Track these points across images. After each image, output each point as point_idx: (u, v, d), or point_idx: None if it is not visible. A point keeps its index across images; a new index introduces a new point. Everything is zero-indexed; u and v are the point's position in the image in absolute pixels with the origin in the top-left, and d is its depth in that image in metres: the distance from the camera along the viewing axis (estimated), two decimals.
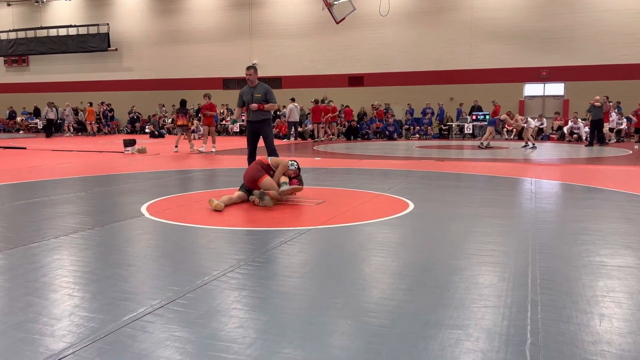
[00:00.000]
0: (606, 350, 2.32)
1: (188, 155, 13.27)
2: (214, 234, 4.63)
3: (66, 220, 5.19)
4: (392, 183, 7.87)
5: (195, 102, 26.13)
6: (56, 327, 2.57)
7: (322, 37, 25.70)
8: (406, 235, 4.66)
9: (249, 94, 7.74)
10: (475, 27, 23.43)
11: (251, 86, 7.78)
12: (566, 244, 4.26)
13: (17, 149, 15.39)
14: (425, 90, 24.40)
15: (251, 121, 7.75)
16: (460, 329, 2.54)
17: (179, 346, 2.35)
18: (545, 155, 13.90)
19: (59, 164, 10.90)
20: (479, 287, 3.16)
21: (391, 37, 24.69)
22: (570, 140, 19.91)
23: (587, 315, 2.73)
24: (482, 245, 4.20)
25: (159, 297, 2.96)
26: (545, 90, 23.42)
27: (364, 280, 3.33)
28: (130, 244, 4.33)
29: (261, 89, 7.76)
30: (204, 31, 28.08)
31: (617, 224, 5.00)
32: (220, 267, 3.55)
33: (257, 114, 7.67)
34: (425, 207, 5.89)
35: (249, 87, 7.81)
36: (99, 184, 7.90)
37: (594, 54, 21.84)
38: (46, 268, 3.56)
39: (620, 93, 20.77)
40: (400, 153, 14.48)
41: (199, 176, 8.85)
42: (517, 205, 6.08)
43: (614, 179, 8.50)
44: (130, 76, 30.16)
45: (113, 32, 29.39)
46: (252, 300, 2.96)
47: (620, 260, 3.78)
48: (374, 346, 2.36)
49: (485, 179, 8.61)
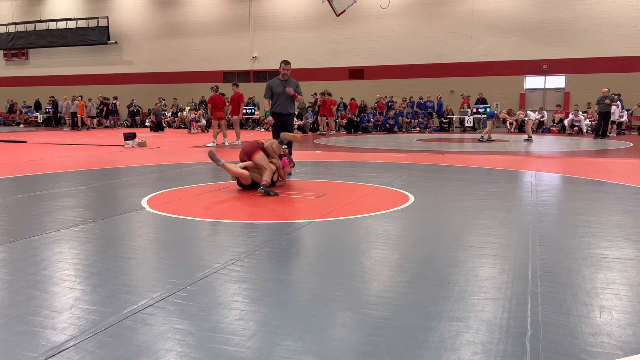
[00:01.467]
0: (606, 342, 2.33)
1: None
2: (214, 227, 4.63)
3: (67, 213, 5.19)
4: (392, 176, 7.87)
5: (195, 95, 26.12)
6: (57, 319, 2.58)
7: (322, 29, 25.62)
8: (406, 228, 4.66)
9: (280, 86, 8.05)
10: (476, 20, 23.34)
11: (283, 80, 8.08)
12: (566, 236, 4.26)
13: (17, 143, 15.38)
14: (425, 83, 24.35)
15: (280, 113, 8.09)
16: (460, 321, 2.55)
17: (179, 338, 2.36)
18: (546, 147, 13.88)
19: (60, 157, 10.90)
20: (479, 280, 3.17)
21: (392, 30, 24.61)
22: (571, 133, 19.89)
23: (587, 307, 2.73)
24: (482, 237, 4.20)
25: (160, 290, 2.97)
26: (546, 83, 23.36)
27: (364, 272, 3.33)
28: (131, 237, 4.34)
29: (292, 83, 8.11)
30: (204, 24, 28.00)
31: (617, 217, 5.00)
32: (221, 260, 3.55)
33: (287, 107, 8.05)
34: (425, 200, 5.89)
35: (279, 80, 8.11)
36: (100, 177, 7.90)
37: (595, 46, 21.77)
38: (47, 261, 3.56)
39: (621, 86, 20.71)
40: (400, 146, 14.46)
41: (201, 169, 8.85)
42: (517, 198, 6.08)
43: (615, 171, 8.49)
44: (130, 69, 30.11)
45: (113, 25, 29.30)
46: (252, 292, 2.97)
47: (620, 252, 3.79)
48: (374, 338, 2.36)
49: (485, 171, 8.61)
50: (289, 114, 8.17)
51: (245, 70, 27.81)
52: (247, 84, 27.05)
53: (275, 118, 8.13)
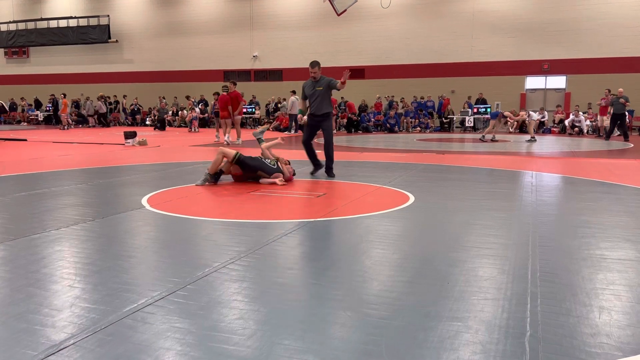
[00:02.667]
0: (605, 343, 2.33)
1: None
2: (214, 226, 4.63)
3: (67, 211, 5.19)
4: (392, 176, 7.87)
5: (195, 94, 26.09)
6: (57, 317, 2.58)
7: (323, 29, 25.60)
8: (406, 227, 4.67)
9: (311, 88, 8.01)
10: (477, 20, 23.32)
11: (314, 81, 8.03)
12: (566, 236, 4.26)
13: (17, 141, 15.38)
14: (426, 83, 24.34)
15: (314, 114, 8.03)
16: (460, 321, 2.55)
17: (179, 337, 2.36)
18: (547, 148, 13.87)
19: (60, 156, 10.90)
20: (478, 280, 3.17)
21: (393, 30, 24.60)
22: (571, 133, 19.88)
23: (587, 308, 2.74)
24: (482, 237, 4.20)
25: (160, 289, 2.97)
26: (547, 83, 23.34)
27: (364, 272, 3.34)
28: (131, 236, 4.34)
29: (323, 82, 8.00)
30: (205, 23, 27.98)
31: (617, 217, 5.00)
32: (221, 259, 3.56)
33: (320, 108, 7.95)
34: (425, 200, 5.89)
35: (311, 81, 8.05)
36: (100, 175, 7.90)
37: (595, 46, 21.75)
38: (47, 259, 3.57)
39: (622, 86, 20.66)
40: (401, 146, 14.46)
41: (201, 168, 8.85)
42: (517, 198, 6.08)
43: (615, 172, 8.49)
44: (130, 68, 30.10)
45: (113, 24, 29.29)
46: (252, 291, 2.97)
47: (620, 253, 3.79)
48: (373, 338, 2.36)
49: (486, 171, 8.61)
50: (323, 114, 7.96)
51: (246, 69, 27.80)
52: (248, 83, 27.06)
53: (310, 119, 8.09)
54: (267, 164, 7.12)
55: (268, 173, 7.03)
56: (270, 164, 7.12)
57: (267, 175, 7.03)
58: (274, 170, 7.06)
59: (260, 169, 7.04)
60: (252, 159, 7.10)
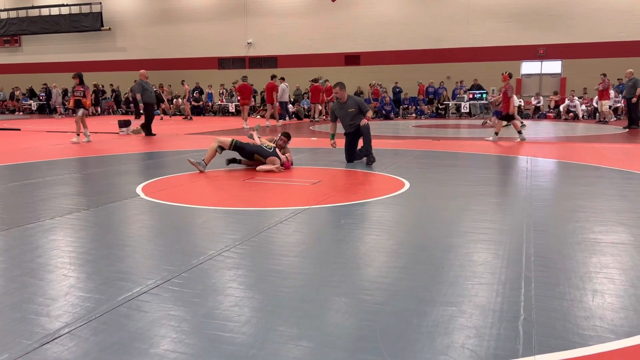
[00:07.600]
0: (598, 326, 2.35)
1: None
2: (209, 214, 4.63)
3: (61, 201, 5.17)
4: (388, 162, 7.87)
5: (190, 81, 25.90)
6: (52, 307, 2.58)
7: (318, 15, 25.40)
8: (402, 214, 4.67)
9: (342, 110, 7.96)
10: (472, 5, 23.18)
11: (341, 102, 7.93)
12: (561, 221, 4.28)
13: (11, 131, 15.28)
14: (422, 69, 24.25)
15: (348, 133, 8.04)
16: (454, 306, 2.56)
17: (174, 325, 2.36)
18: (541, 133, 13.87)
19: (54, 145, 10.84)
20: (473, 265, 3.18)
21: (388, 15, 24.43)
22: (566, 118, 19.88)
23: (580, 292, 2.75)
24: (477, 223, 4.21)
25: (155, 277, 2.97)
26: (543, 68, 23.29)
27: (360, 258, 3.34)
28: (126, 225, 4.33)
29: (352, 104, 7.93)
30: (199, 10, 27.70)
31: (611, 201, 5.02)
32: (216, 247, 3.55)
33: (353, 126, 7.94)
34: (421, 186, 5.89)
35: (339, 103, 7.98)
36: (94, 165, 7.87)
37: (591, 31, 21.67)
38: (42, 249, 3.56)
39: (617, 71, 20.64)
40: (396, 132, 14.43)
41: (196, 156, 8.81)
42: (512, 184, 6.09)
43: (609, 156, 8.51)
44: (124, 56, 29.82)
45: (106, 12, 28.96)
46: (247, 279, 2.98)
47: (613, 237, 3.81)
48: (368, 323, 2.37)
49: (480, 157, 8.61)
50: (357, 127, 7.90)
51: (240, 57, 27.59)
52: (242, 70, 26.87)
53: (346, 137, 8.07)
54: (264, 148, 7.25)
55: (264, 156, 7.19)
56: (266, 148, 7.25)
57: (263, 158, 7.19)
58: (270, 154, 7.19)
59: (257, 152, 7.23)
60: (249, 144, 7.30)
